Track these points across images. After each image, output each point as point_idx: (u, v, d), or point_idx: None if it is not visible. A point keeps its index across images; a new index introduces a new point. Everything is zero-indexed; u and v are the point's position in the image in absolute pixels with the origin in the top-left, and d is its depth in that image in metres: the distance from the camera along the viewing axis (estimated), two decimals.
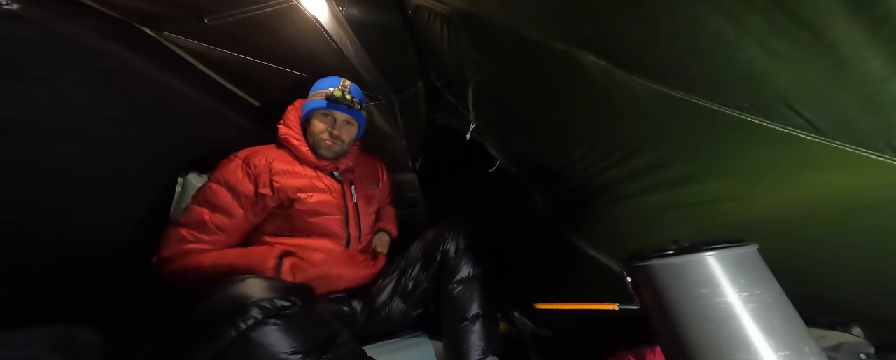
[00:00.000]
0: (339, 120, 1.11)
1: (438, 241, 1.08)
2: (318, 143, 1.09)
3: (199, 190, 1.03)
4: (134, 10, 1.05)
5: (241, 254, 0.93)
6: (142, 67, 1.10)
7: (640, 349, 0.82)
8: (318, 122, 1.10)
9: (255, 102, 1.53)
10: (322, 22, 1.02)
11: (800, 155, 0.49)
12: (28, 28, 0.83)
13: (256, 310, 0.58)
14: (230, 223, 0.98)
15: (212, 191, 1.00)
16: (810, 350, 0.41)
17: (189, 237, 0.95)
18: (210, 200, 0.99)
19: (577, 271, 1.13)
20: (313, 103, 1.11)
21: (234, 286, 0.63)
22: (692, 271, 0.45)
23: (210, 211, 0.97)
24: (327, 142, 1.09)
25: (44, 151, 0.92)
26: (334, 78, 1.16)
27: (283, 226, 1.05)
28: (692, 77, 0.55)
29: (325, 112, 1.10)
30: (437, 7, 1.01)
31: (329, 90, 1.10)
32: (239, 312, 0.58)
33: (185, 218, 0.98)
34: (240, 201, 1.00)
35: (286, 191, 1.02)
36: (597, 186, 0.90)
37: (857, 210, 0.51)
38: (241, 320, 0.57)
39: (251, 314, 0.58)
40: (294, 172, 1.07)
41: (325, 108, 1.09)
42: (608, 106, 0.73)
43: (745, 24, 0.44)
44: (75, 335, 1.03)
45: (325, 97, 1.09)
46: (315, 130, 1.09)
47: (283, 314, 0.61)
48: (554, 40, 0.73)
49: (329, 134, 1.08)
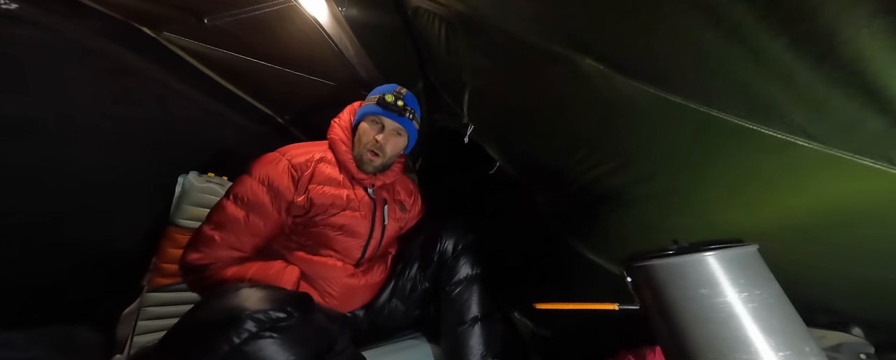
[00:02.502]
0: (387, 128, 1.01)
1: (435, 241, 1.06)
2: (361, 154, 1.01)
3: (238, 187, 0.93)
4: (134, 10, 1.05)
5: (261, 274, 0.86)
6: (142, 67, 1.10)
7: (640, 349, 0.82)
8: (366, 130, 1.01)
9: (255, 102, 1.53)
10: (321, 22, 1.02)
11: (797, 162, 0.49)
12: (28, 28, 0.83)
13: (251, 323, 0.56)
14: (264, 228, 0.91)
15: (252, 191, 0.91)
16: (810, 350, 0.41)
17: (219, 240, 0.87)
18: (250, 200, 0.90)
19: (577, 271, 1.13)
20: (366, 107, 1.03)
21: (228, 296, 0.61)
22: (692, 271, 0.45)
23: (247, 213, 0.90)
24: (368, 156, 1.00)
25: (43, 150, 0.92)
26: (391, 85, 1.08)
27: (296, 239, 0.97)
28: (689, 82, 0.55)
29: (374, 118, 1.01)
30: (435, 9, 1.02)
31: (382, 95, 1.02)
32: (232, 324, 0.55)
33: (218, 217, 0.90)
34: (278, 206, 0.92)
35: (319, 203, 0.95)
36: (596, 190, 0.90)
37: (855, 216, 0.51)
38: (234, 333, 0.55)
39: (245, 326, 0.55)
40: (332, 181, 0.99)
41: (375, 114, 1.01)
42: (606, 110, 0.73)
43: (740, 32, 0.44)
44: (75, 335, 1.03)
45: (376, 102, 1.02)
46: (362, 137, 1.01)
47: (280, 325, 0.58)
48: (552, 44, 0.73)
49: (374, 142, 0.99)
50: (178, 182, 1.29)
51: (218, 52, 1.21)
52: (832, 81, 0.41)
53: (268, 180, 0.92)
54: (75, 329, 1.01)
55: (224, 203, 0.91)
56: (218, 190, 1.34)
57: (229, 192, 0.93)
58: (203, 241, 0.87)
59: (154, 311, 1.26)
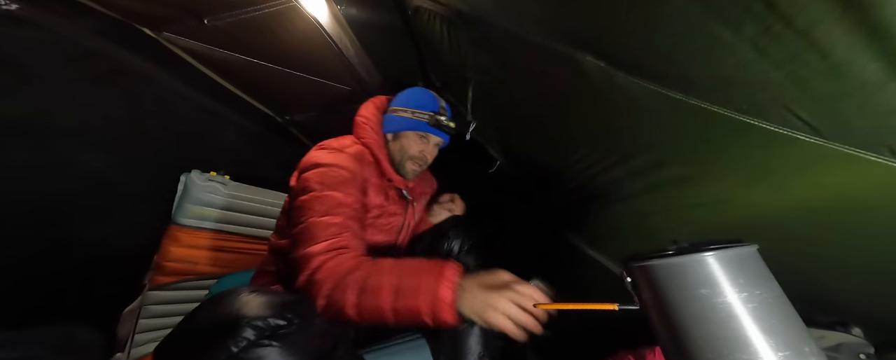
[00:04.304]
0: (432, 143, 1.03)
1: (442, 241, 1.07)
2: (403, 162, 1.00)
3: (315, 177, 0.84)
4: (134, 10, 1.05)
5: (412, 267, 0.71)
6: (142, 68, 1.10)
7: (640, 349, 0.82)
8: (413, 144, 1.00)
9: (255, 102, 1.53)
10: (322, 22, 1.02)
11: (798, 156, 0.50)
12: (28, 28, 0.83)
13: (250, 330, 0.54)
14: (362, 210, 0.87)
15: (333, 174, 0.85)
16: (810, 350, 0.41)
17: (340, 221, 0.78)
18: (337, 180, 0.84)
19: (576, 271, 1.13)
20: (410, 123, 1.00)
21: (226, 303, 0.59)
22: (692, 272, 0.45)
23: (343, 192, 0.83)
24: (414, 166, 1.00)
25: (43, 150, 0.92)
26: (429, 93, 1.05)
27: None
28: (690, 79, 0.55)
29: (422, 134, 1.00)
30: (436, 8, 1.01)
31: (433, 113, 1.00)
32: (231, 332, 0.53)
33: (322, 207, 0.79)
34: (360, 186, 0.89)
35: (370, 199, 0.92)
36: (597, 186, 0.90)
37: (857, 210, 0.51)
38: (232, 342, 0.52)
39: (244, 334, 0.53)
40: (379, 177, 0.98)
41: (425, 131, 1.00)
42: (607, 107, 0.73)
43: (741, 28, 0.44)
44: (75, 335, 1.03)
45: (429, 120, 0.99)
46: (407, 149, 1.00)
47: (279, 333, 0.56)
48: (553, 42, 0.73)
49: (421, 158, 1.00)
50: (181, 181, 1.29)
51: (218, 53, 1.21)
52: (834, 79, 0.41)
53: (345, 166, 0.87)
54: (75, 329, 1.01)
55: (315, 195, 0.79)
56: (219, 189, 1.34)
57: (308, 186, 0.82)
58: (320, 228, 0.74)
59: (155, 309, 1.26)
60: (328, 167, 0.86)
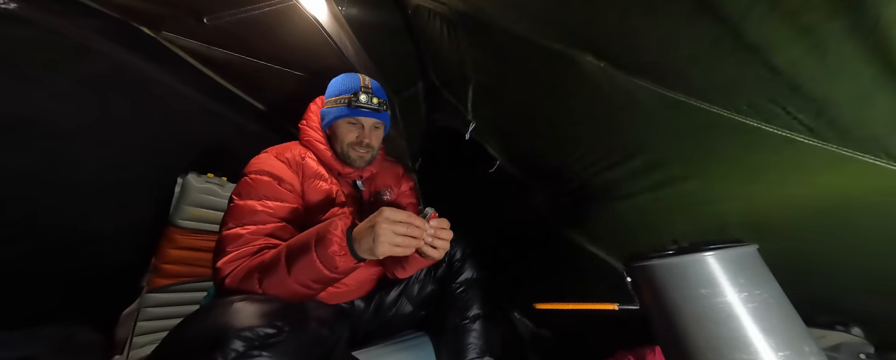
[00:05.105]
0: (367, 126, 0.98)
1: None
2: (347, 153, 0.98)
3: (239, 187, 0.87)
4: (133, 10, 1.05)
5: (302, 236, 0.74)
6: (141, 67, 1.10)
7: (639, 349, 0.82)
8: (346, 132, 0.97)
9: (255, 101, 1.53)
10: (321, 22, 1.02)
11: (798, 157, 0.50)
12: (27, 28, 0.83)
13: (238, 342, 0.52)
14: (284, 213, 0.87)
15: (256, 182, 0.87)
16: (810, 350, 0.41)
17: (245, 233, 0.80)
18: (258, 191, 0.86)
19: (576, 271, 1.13)
20: (335, 112, 0.98)
21: (214, 313, 0.57)
22: (692, 272, 0.45)
23: (262, 200, 0.85)
24: (359, 152, 0.97)
25: (42, 150, 0.91)
26: (352, 76, 1.01)
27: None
28: (690, 79, 0.55)
29: (351, 120, 0.97)
30: (436, 7, 1.01)
31: (351, 95, 0.96)
32: (218, 345, 0.51)
33: (232, 217, 0.83)
34: (290, 188, 0.90)
35: (314, 199, 0.93)
36: (597, 185, 0.90)
37: (856, 210, 0.51)
38: (220, 354, 0.50)
39: (232, 346, 0.51)
40: (321, 176, 0.97)
41: (351, 116, 0.97)
42: (607, 106, 0.73)
43: (740, 32, 0.44)
44: (75, 335, 1.03)
45: (346, 104, 0.96)
46: (344, 140, 0.98)
47: (270, 342, 0.54)
48: (553, 41, 0.73)
49: (360, 144, 0.97)
50: (178, 183, 1.29)
51: (218, 52, 1.21)
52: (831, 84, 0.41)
53: (268, 171, 0.88)
54: (75, 329, 1.01)
55: (232, 205, 0.84)
56: (217, 190, 1.34)
57: (232, 195, 0.87)
58: (228, 241, 0.78)
59: (153, 312, 1.26)
60: (249, 175, 0.88)
